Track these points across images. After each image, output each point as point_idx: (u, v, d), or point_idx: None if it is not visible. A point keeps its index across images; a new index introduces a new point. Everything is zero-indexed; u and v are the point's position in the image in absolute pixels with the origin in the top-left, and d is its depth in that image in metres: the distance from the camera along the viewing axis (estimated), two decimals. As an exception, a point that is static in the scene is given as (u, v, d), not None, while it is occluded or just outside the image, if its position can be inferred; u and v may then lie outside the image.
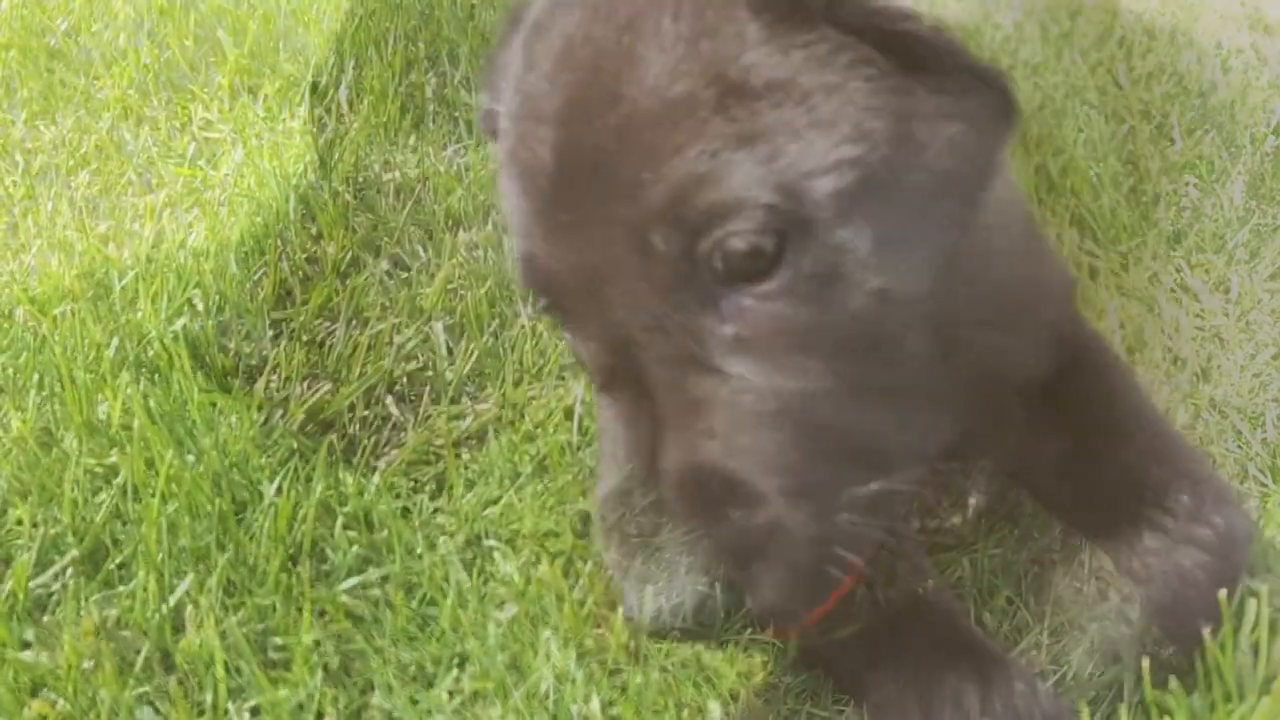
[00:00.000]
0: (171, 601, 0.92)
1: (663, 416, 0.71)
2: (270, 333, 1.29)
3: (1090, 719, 0.75)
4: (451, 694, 0.85)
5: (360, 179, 1.62)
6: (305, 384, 1.18)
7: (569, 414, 1.12)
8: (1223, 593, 0.80)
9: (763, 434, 0.69)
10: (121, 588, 0.95)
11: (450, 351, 1.24)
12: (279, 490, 1.02)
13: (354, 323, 1.27)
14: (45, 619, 0.92)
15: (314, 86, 1.93)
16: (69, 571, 0.95)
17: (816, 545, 0.69)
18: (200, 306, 1.30)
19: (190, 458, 1.05)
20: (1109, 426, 0.88)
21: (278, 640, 0.90)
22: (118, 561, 0.97)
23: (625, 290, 0.72)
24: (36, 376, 1.19)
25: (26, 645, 0.90)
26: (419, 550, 0.97)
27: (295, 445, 1.09)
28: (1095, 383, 0.91)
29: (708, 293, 0.70)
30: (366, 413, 1.15)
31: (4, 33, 2.06)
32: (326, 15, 2.23)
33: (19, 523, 1.01)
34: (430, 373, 1.21)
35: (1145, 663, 0.77)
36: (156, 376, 1.20)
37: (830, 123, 0.68)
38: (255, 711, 0.85)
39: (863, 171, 0.68)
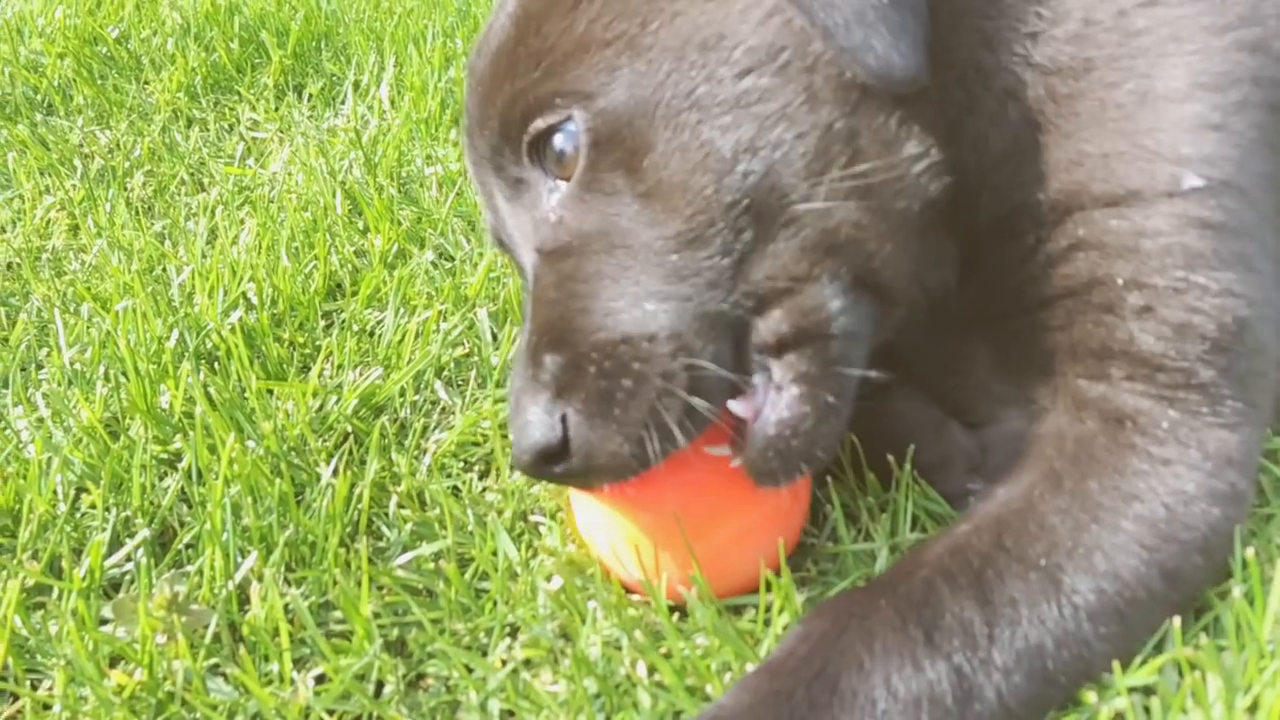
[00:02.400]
0: (237, 578, 0.96)
1: (530, 299, 0.88)
2: (322, 323, 1.34)
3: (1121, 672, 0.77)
4: (504, 661, 0.89)
5: (404, 174, 1.67)
6: (357, 371, 1.22)
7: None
8: (1250, 551, 0.82)
9: (582, 298, 0.82)
10: (189, 566, 1.00)
11: (495, 337, 1.28)
12: (335, 472, 1.06)
13: (402, 311, 1.32)
14: (120, 595, 0.97)
15: (356, 85, 1.98)
16: (140, 551, 1.00)
17: (622, 375, 0.79)
18: (255, 300, 1.35)
19: (250, 443, 1.10)
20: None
21: (338, 614, 0.95)
22: (185, 541, 1.02)
23: (501, 208, 0.91)
24: (103, 369, 1.24)
25: (104, 621, 0.96)
26: (470, 526, 1.01)
27: (349, 429, 1.14)
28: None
29: (540, 191, 0.87)
30: (416, 397, 1.20)
31: (59, 42, 2.13)
32: (366, 14, 2.28)
33: (92, 506, 1.06)
34: (476, 358, 1.25)
35: (1176, 621, 0.79)
36: (216, 366, 1.25)
37: (596, 18, 0.83)
38: (320, 679, 0.90)
39: (635, 49, 0.81)
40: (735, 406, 0.82)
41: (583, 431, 0.79)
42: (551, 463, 0.81)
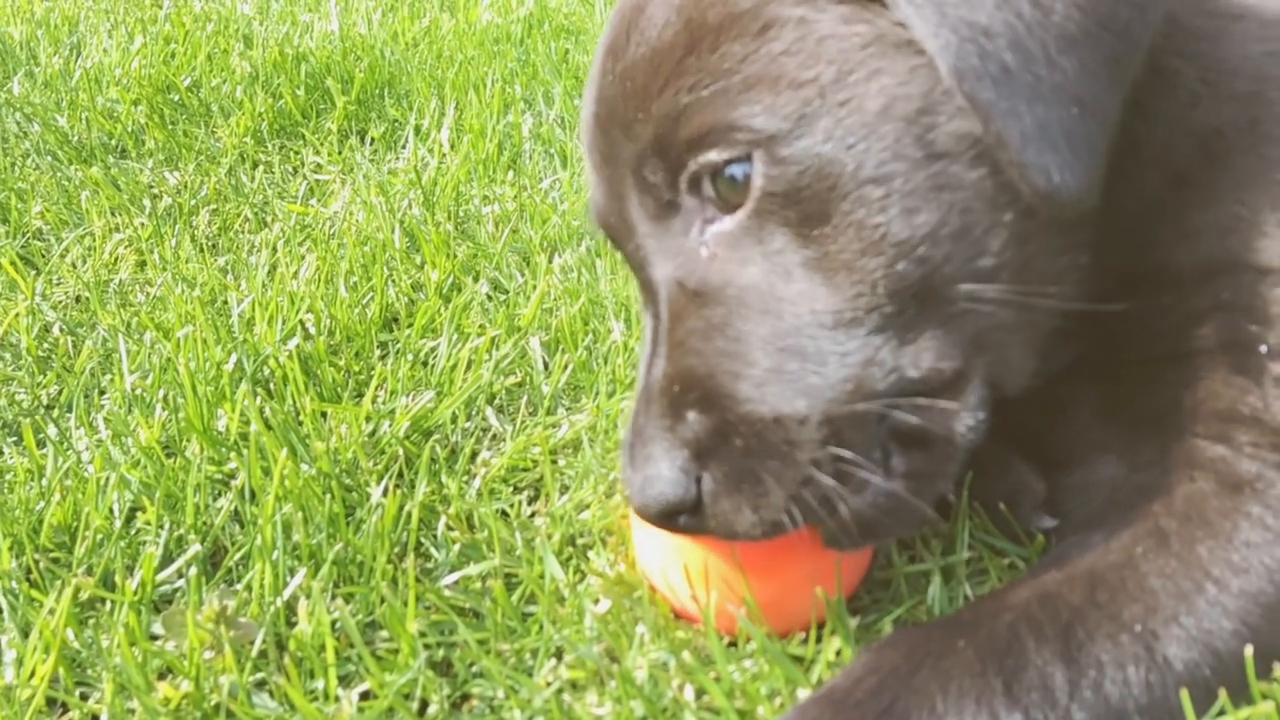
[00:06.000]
0: (286, 594, 0.96)
1: (659, 331, 0.82)
2: (378, 352, 1.35)
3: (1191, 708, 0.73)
4: (549, 682, 0.88)
5: (461, 212, 1.69)
6: (410, 396, 1.23)
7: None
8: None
9: (733, 359, 0.78)
10: (239, 584, 1.00)
11: (546, 366, 1.28)
12: (385, 492, 1.06)
13: (455, 339, 1.32)
14: (170, 609, 0.98)
15: (417, 129, 2.02)
16: (192, 568, 1.01)
17: (769, 455, 0.75)
18: (312, 329, 1.37)
19: (303, 464, 1.11)
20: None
21: (384, 633, 0.94)
22: (236, 558, 1.03)
23: (637, 219, 0.85)
24: (162, 393, 1.27)
25: (155, 637, 0.96)
26: (518, 549, 1.00)
27: (401, 451, 1.15)
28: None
29: (693, 218, 0.81)
30: (468, 423, 1.20)
31: (134, 90, 2.21)
32: (428, 63, 2.34)
33: (147, 523, 1.07)
34: (527, 386, 1.25)
35: (1249, 650, 0.75)
36: (272, 390, 1.27)
37: (787, 52, 0.76)
38: (364, 696, 0.89)
39: (827, 99, 0.75)
40: None
41: (719, 501, 0.77)
42: (676, 515, 0.79)
